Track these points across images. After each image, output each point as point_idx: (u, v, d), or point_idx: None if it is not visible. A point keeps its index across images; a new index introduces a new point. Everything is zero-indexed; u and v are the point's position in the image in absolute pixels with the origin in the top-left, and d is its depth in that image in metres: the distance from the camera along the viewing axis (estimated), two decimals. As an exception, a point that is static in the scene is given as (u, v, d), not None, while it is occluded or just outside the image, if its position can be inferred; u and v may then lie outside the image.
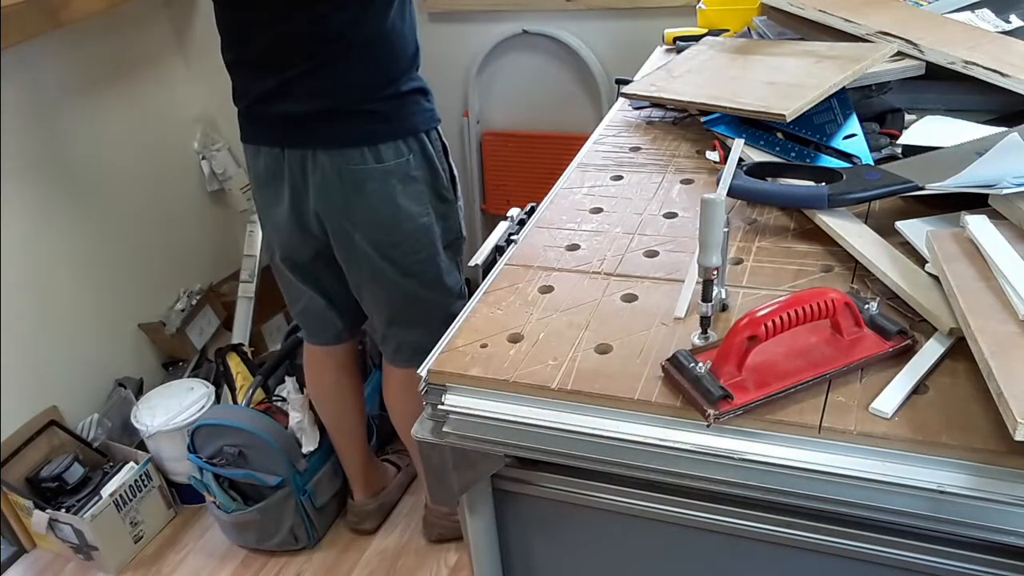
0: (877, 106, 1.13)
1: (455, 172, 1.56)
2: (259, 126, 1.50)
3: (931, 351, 0.71)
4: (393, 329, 1.63)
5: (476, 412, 0.77)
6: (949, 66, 1.10)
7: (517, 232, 1.01)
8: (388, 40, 1.39)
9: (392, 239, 1.50)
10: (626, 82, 1.33)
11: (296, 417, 1.89)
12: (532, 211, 1.07)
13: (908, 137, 1.05)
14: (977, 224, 0.78)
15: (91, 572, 1.99)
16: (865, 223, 0.89)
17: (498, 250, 1.01)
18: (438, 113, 1.51)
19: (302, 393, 1.90)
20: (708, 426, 0.68)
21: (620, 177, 1.10)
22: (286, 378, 1.96)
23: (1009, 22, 1.25)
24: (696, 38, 1.45)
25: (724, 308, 0.81)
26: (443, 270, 1.57)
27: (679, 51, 1.42)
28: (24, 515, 1.98)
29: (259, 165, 1.52)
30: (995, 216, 0.80)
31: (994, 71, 1.05)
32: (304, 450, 1.89)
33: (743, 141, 1.02)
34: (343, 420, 1.88)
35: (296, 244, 1.58)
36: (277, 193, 1.52)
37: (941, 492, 0.63)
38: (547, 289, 0.88)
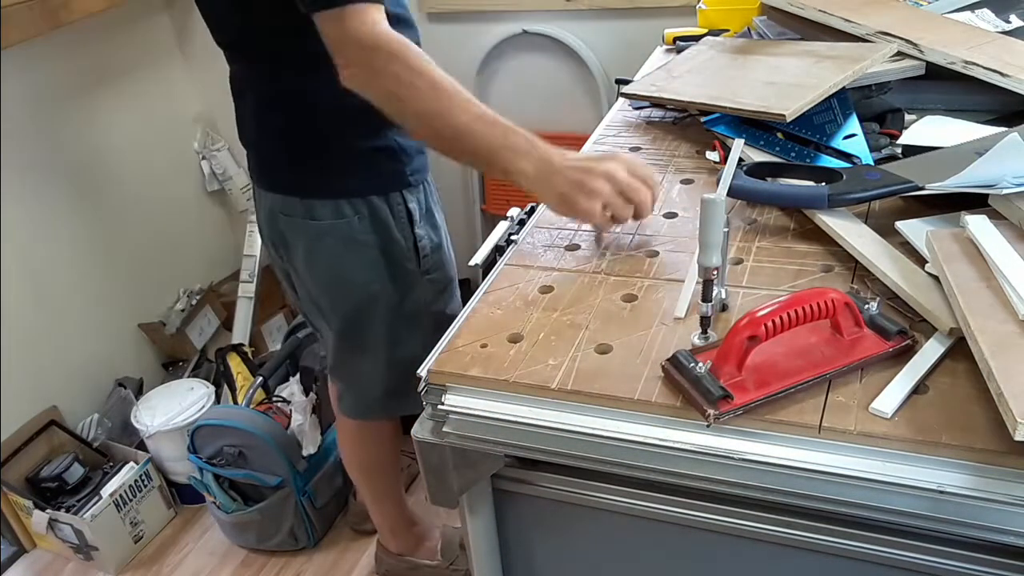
0: (877, 106, 1.13)
1: (428, 242, 1.35)
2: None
3: (931, 351, 0.71)
4: (334, 375, 1.54)
5: (476, 412, 0.77)
6: (949, 66, 1.10)
7: (517, 232, 1.01)
8: (310, 97, 1.22)
9: (329, 301, 1.37)
10: (626, 82, 1.33)
11: (298, 420, 1.89)
12: (532, 211, 1.07)
13: (908, 137, 1.05)
14: (977, 224, 0.78)
15: (91, 572, 1.99)
16: (865, 223, 0.89)
17: (498, 250, 1.01)
18: (422, 174, 1.32)
19: (306, 396, 1.90)
20: (708, 426, 0.68)
21: (620, 177, 1.10)
22: (290, 379, 1.96)
23: (1009, 22, 1.25)
24: (696, 38, 1.45)
25: (724, 308, 0.81)
26: (391, 342, 1.39)
27: (679, 51, 1.42)
28: (24, 515, 1.98)
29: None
30: (995, 216, 0.80)
31: (994, 71, 1.05)
32: (304, 452, 1.89)
33: (743, 141, 1.02)
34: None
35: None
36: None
37: (941, 492, 0.63)
38: (547, 289, 0.88)
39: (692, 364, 0.70)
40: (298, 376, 1.99)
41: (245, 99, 1.32)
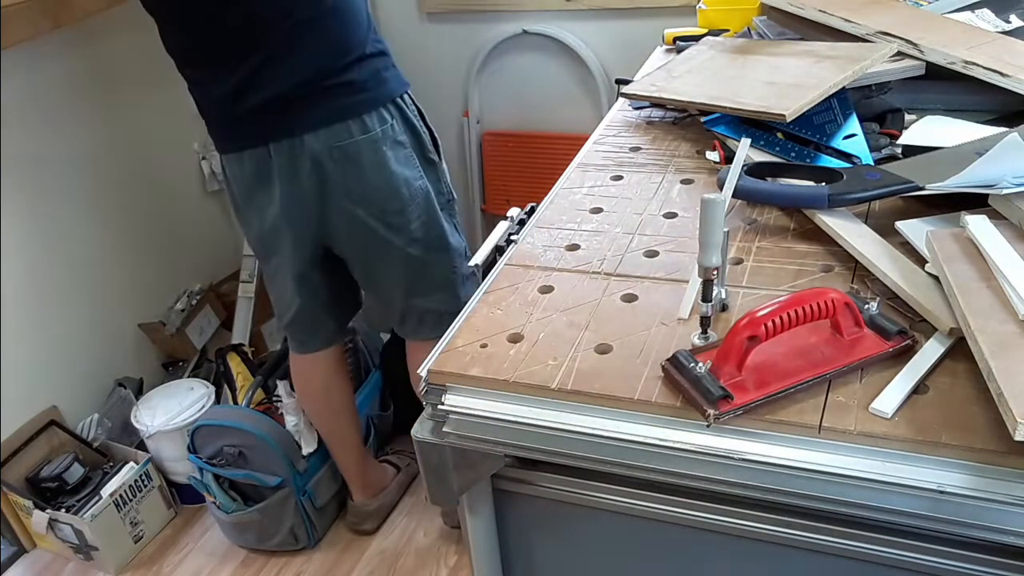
0: (877, 106, 1.13)
1: (435, 134, 1.57)
2: (236, 130, 1.48)
3: (931, 351, 0.71)
4: (413, 301, 1.63)
5: (476, 412, 0.76)
6: (949, 66, 1.10)
7: (517, 232, 1.01)
8: (339, 8, 1.38)
9: (395, 206, 1.50)
10: (626, 82, 1.33)
11: (292, 421, 1.89)
12: (532, 211, 1.07)
13: (908, 137, 1.05)
14: (977, 224, 0.78)
15: (91, 572, 1.99)
16: (865, 223, 0.89)
17: (498, 250, 1.01)
18: (404, 75, 1.52)
19: (294, 397, 1.90)
20: (708, 426, 0.68)
21: (620, 177, 1.10)
22: (279, 381, 1.95)
23: (1009, 22, 1.25)
24: (696, 38, 1.45)
25: (724, 308, 0.81)
26: (446, 231, 1.59)
27: (679, 51, 1.42)
28: (24, 515, 1.98)
29: (245, 172, 1.49)
30: (995, 216, 0.80)
31: (994, 71, 1.05)
32: (303, 452, 1.89)
33: (749, 141, 1.02)
34: (335, 425, 1.88)
35: (287, 247, 1.56)
36: (268, 195, 1.50)
37: (941, 492, 0.63)
38: (547, 289, 0.88)
39: (692, 364, 0.70)
40: (286, 379, 1.98)
41: (265, 77, 1.39)
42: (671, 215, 0.99)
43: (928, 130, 1.05)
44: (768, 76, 1.16)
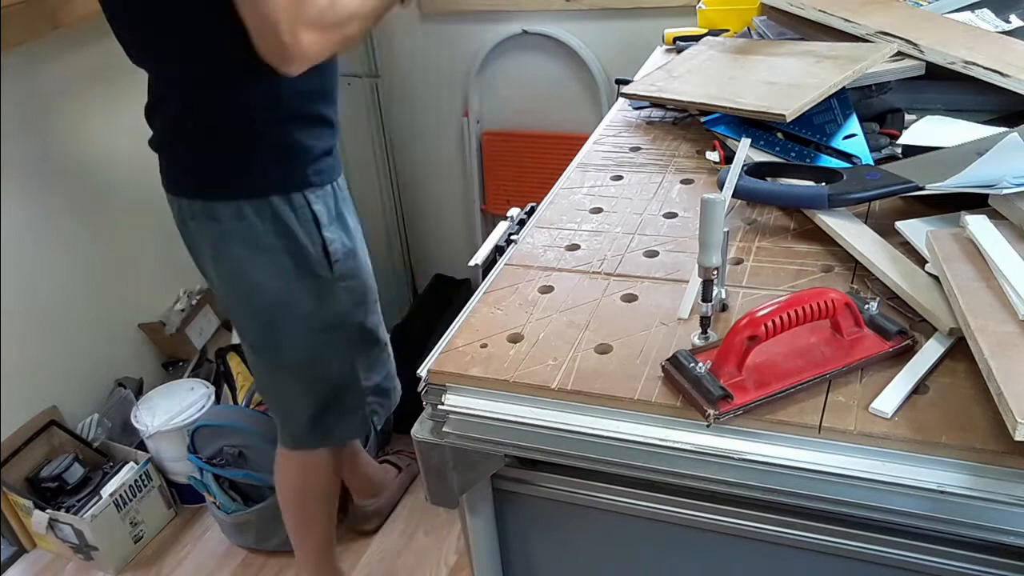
0: (877, 106, 1.14)
1: (340, 246, 1.29)
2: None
3: (931, 351, 0.71)
4: (265, 400, 1.52)
5: (476, 412, 0.77)
6: (949, 66, 1.10)
7: (517, 232, 1.01)
8: (212, 98, 1.19)
9: (245, 309, 1.33)
10: (626, 82, 1.33)
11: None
12: (532, 211, 1.07)
13: (908, 137, 1.05)
14: (977, 224, 0.78)
15: (91, 572, 1.99)
16: (865, 223, 0.89)
17: (498, 250, 1.01)
18: (328, 175, 1.27)
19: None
20: (708, 426, 0.68)
21: (620, 177, 1.10)
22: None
23: (1009, 22, 1.25)
24: (696, 38, 1.45)
25: (724, 308, 0.81)
26: (313, 357, 1.34)
27: (679, 51, 1.42)
28: (24, 515, 1.98)
29: None
30: (995, 216, 0.80)
31: (994, 71, 1.05)
32: (304, 450, 1.89)
33: (749, 141, 1.02)
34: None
35: None
36: None
37: (941, 492, 0.63)
38: (547, 289, 0.88)
39: (692, 364, 0.70)
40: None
41: (161, 109, 1.28)
42: (671, 215, 0.99)
43: (928, 130, 1.05)
44: (768, 76, 1.16)
